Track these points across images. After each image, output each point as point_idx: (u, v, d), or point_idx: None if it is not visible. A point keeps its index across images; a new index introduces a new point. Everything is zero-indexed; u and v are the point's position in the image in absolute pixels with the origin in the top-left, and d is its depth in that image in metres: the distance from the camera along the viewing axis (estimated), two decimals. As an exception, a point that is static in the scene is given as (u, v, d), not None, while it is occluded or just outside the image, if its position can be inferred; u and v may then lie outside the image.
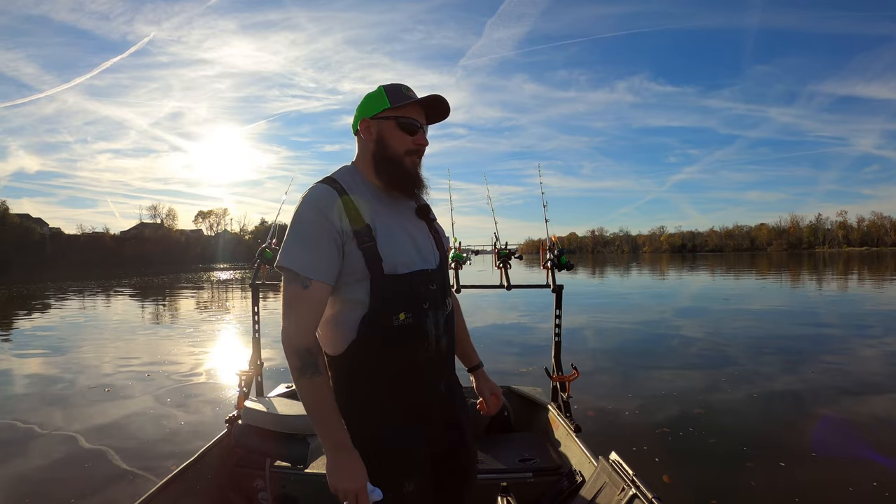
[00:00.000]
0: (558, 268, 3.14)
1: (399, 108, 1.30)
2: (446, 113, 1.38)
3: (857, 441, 4.00)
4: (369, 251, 1.23)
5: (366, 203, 1.27)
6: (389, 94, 1.31)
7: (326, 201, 1.23)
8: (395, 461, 1.28)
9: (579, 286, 21.20)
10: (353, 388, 1.29)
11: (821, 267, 37.32)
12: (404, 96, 1.31)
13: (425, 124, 1.37)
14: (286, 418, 2.37)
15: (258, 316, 3.20)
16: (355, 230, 1.23)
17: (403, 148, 1.31)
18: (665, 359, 7.24)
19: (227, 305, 16.70)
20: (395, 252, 1.27)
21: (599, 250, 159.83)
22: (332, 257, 1.22)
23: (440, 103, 1.35)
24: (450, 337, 1.38)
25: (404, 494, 1.28)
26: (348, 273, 1.24)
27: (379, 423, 1.29)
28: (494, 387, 1.62)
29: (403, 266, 1.28)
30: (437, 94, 1.32)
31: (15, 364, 7.63)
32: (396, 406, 1.30)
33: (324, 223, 1.21)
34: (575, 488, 2.33)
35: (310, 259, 1.20)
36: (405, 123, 1.30)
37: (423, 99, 1.33)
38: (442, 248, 1.43)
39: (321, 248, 1.21)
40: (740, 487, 3.31)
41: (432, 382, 1.35)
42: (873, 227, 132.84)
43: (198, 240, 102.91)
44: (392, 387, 1.29)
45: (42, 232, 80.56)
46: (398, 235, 1.30)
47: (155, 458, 3.84)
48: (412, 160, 1.33)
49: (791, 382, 5.85)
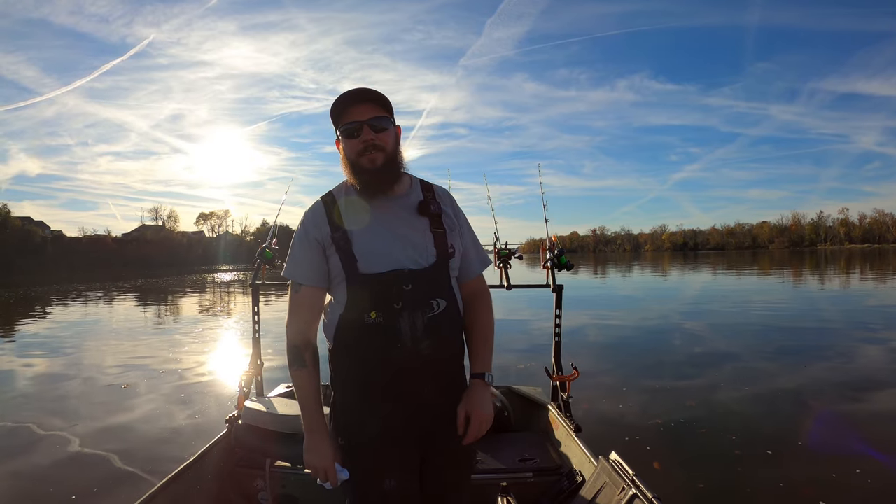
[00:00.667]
0: (558, 268, 3.14)
1: (341, 119, 1.37)
2: (377, 95, 1.36)
3: (859, 439, 3.99)
4: (345, 253, 1.34)
5: (352, 209, 1.38)
6: (333, 111, 1.38)
7: (311, 216, 1.40)
8: (372, 457, 1.34)
9: (581, 285, 21.18)
10: (340, 382, 1.41)
11: (822, 264, 37.27)
12: (338, 105, 1.36)
13: (374, 117, 1.35)
14: (286, 418, 2.38)
15: (258, 316, 3.20)
16: (334, 236, 1.35)
17: (354, 152, 1.36)
18: (666, 358, 7.23)
19: (228, 306, 16.73)
20: (372, 252, 1.33)
21: (601, 249, 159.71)
22: (315, 262, 1.38)
23: (364, 93, 1.36)
24: (441, 340, 1.34)
25: (385, 492, 1.30)
26: (333, 276, 1.38)
27: (357, 418, 1.36)
28: (475, 407, 1.35)
29: (379, 266, 1.32)
30: (355, 89, 1.36)
31: (17, 366, 7.65)
32: (373, 404, 1.35)
33: (305, 234, 1.39)
34: (575, 488, 2.33)
35: (295, 267, 1.40)
36: (347, 130, 1.36)
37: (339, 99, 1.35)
38: (444, 245, 1.38)
39: (304, 256, 1.39)
40: (740, 487, 3.31)
41: (413, 384, 1.33)
42: (875, 224, 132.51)
43: (199, 241, 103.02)
44: (368, 384, 1.35)
45: (44, 235, 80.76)
46: (380, 236, 1.34)
47: (155, 459, 3.84)
48: (368, 158, 1.35)
49: (792, 381, 5.84)
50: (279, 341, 1.28)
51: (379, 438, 1.34)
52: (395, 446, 1.34)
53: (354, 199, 1.39)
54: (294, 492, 2.43)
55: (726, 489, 3.29)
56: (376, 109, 1.36)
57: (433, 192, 1.47)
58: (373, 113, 1.35)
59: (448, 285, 1.39)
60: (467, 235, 1.50)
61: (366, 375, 1.34)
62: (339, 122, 1.38)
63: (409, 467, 1.36)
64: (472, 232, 1.53)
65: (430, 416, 1.37)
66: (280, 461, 2.44)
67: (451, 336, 1.39)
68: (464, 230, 1.48)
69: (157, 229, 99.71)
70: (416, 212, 1.39)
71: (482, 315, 1.49)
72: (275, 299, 15.45)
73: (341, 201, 1.40)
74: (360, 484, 1.34)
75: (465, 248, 1.47)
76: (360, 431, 1.35)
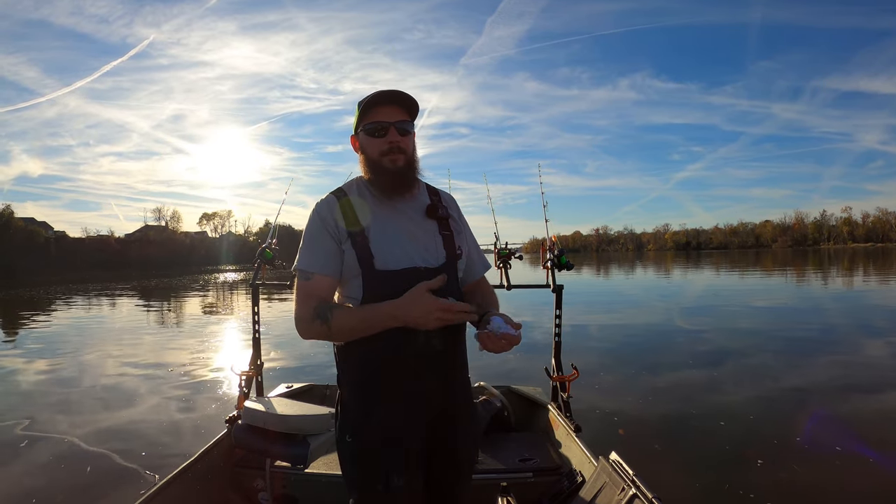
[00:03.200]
0: (558, 268, 3.13)
1: (366, 117, 1.38)
2: (410, 100, 1.38)
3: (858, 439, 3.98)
4: (362, 249, 1.33)
5: (365, 206, 1.38)
6: (360, 107, 1.39)
7: (325, 207, 1.39)
8: (381, 454, 1.33)
9: (583, 285, 21.15)
10: (349, 378, 1.39)
11: (826, 263, 37.13)
12: (367, 103, 1.37)
13: (401, 121, 1.37)
14: (286, 418, 2.37)
15: (258, 316, 3.20)
16: (350, 231, 1.35)
17: (377, 151, 1.37)
18: (666, 358, 7.22)
19: (230, 306, 16.75)
20: (388, 250, 1.34)
21: (604, 249, 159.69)
22: (331, 252, 1.35)
23: (398, 96, 1.37)
24: (450, 337, 1.36)
25: (391, 488, 1.31)
26: (346, 270, 1.36)
27: (367, 414, 1.36)
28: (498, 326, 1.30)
29: (395, 263, 1.34)
30: (390, 90, 1.36)
31: (20, 365, 7.68)
32: (384, 400, 1.35)
33: (321, 224, 1.36)
34: (575, 488, 2.32)
35: (310, 256, 1.36)
36: (371, 129, 1.37)
37: (371, 97, 1.36)
38: (452, 247, 1.42)
39: (320, 245, 1.36)
40: (741, 487, 3.29)
41: (423, 381, 1.36)
42: (878, 223, 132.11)
43: (202, 242, 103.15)
44: (379, 380, 1.35)
45: (47, 235, 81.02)
46: (394, 235, 1.37)
47: (155, 458, 3.85)
48: (390, 159, 1.36)
49: (793, 380, 5.82)
50: (280, 341, 1.25)
51: (385, 437, 1.34)
52: (401, 445, 1.34)
53: (367, 198, 1.39)
54: (294, 492, 2.44)
55: (726, 489, 3.28)
56: (404, 114, 1.38)
57: (439, 196, 1.51)
58: (401, 116, 1.37)
59: (457, 285, 1.43)
60: (470, 240, 1.55)
61: (376, 374, 1.35)
62: (364, 118, 1.38)
63: (414, 466, 1.36)
64: (473, 237, 1.59)
65: (435, 415, 1.39)
66: (280, 461, 2.43)
67: (459, 334, 1.42)
68: (467, 235, 1.53)
69: (161, 230, 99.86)
70: (425, 214, 1.43)
71: (489, 293, 1.56)
72: (276, 299, 15.47)
73: (354, 198, 1.40)
74: (366, 483, 1.34)
75: (469, 252, 1.51)
76: (367, 430, 1.35)
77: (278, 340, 8.42)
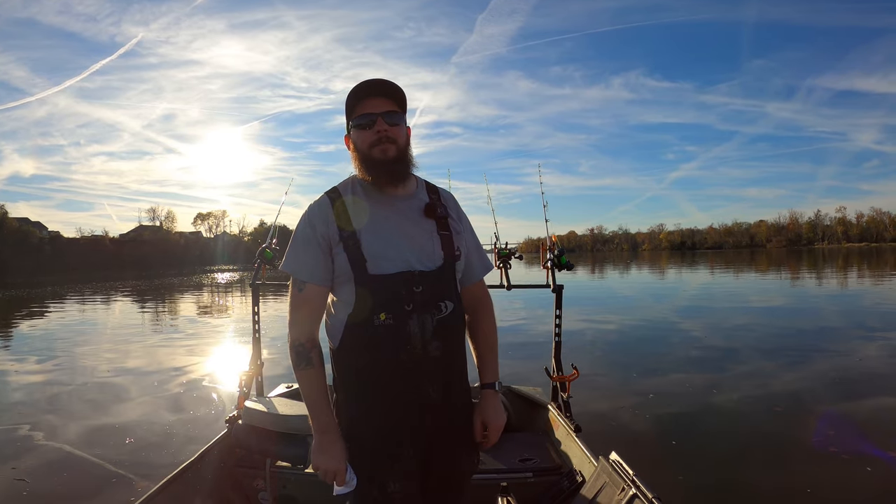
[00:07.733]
0: (558, 268, 3.14)
1: (354, 113, 1.37)
2: (394, 89, 1.36)
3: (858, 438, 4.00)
4: (354, 253, 1.31)
5: (360, 206, 1.36)
6: (347, 106, 1.39)
7: (317, 211, 1.36)
8: (377, 459, 1.32)
9: (579, 285, 21.19)
10: (344, 383, 1.38)
11: (820, 263, 37.35)
12: (352, 98, 1.37)
13: (388, 111, 1.35)
14: (286, 418, 2.38)
15: (258, 316, 3.19)
16: (342, 234, 1.32)
17: (367, 143, 1.36)
18: (666, 358, 7.24)
19: (227, 307, 16.70)
20: (381, 252, 1.32)
21: (599, 248, 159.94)
22: (319, 260, 1.34)
23: (382, 87, 1.36)
24: (448, 342, 1.35)
25: (389, 494, 1.31)
26: (338, 275, 1.34)
27: (364, 420, 1.34)
28: (491, 415, 1.44)
29: (388, 266, 1.31)
30: (372, 80, 1.36)
31: (14, 367, 7.62)
32: (379, 406, 1.34)
33: (311, 232, 1.35)
34: (575, 488, 2.33)
35: (299, 263, 1.35)
36: (360, 122, 1.36)
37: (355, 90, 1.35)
38: (450, 248, 1.38)
39: (309, 254, 1.35)
40: (740, 486, 3.31)
41: (420, 386, 1.33)
42: (872, 222, 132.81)
43: (197, 242, 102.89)
44: (375, 386, 1.33)
45: (41, 235, 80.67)
46: (388, 235, 1.33)
47: (155, 459, 3.84)
48: (381, 149, 1.34)
49: (792, 380, 5.86)
50: (279, 341, 1.26)
51: (383, 440, 1.33)
52: (398, 447, 1.33)
53: (362, 197, 1.37)
54: (294, 492, 2.44)
55: (726, 489, 3.29)
56: (391, 105, 1.36)
57: (438, 195, 1.47)
58: (388, 107, 1.36)
59: (454, 288, 1.40)
60: (471, 240, 1.50)
61: (372, 377, 1.33)
62: (352, 115, 1.37)
63: (412, 468, 1.35)
64: (475, 236, 1.54)
65: (433, 417, 1.36)
66: (280, 461, 2.43)
67: (457, 338, 1.40)
68: (467, 234, 1.48)
69: (155, 230, 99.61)
70: (423, 213, 1.39)
71: (486, 322, 1.53)
72: (275, 299, 15.42)
73: (348, 198, 1.37)
74: (363, 485, 1.33)
75: (468, 252, 1.47)
76: (364, 433, 1.34)
77: (278, 340, 8.41)
